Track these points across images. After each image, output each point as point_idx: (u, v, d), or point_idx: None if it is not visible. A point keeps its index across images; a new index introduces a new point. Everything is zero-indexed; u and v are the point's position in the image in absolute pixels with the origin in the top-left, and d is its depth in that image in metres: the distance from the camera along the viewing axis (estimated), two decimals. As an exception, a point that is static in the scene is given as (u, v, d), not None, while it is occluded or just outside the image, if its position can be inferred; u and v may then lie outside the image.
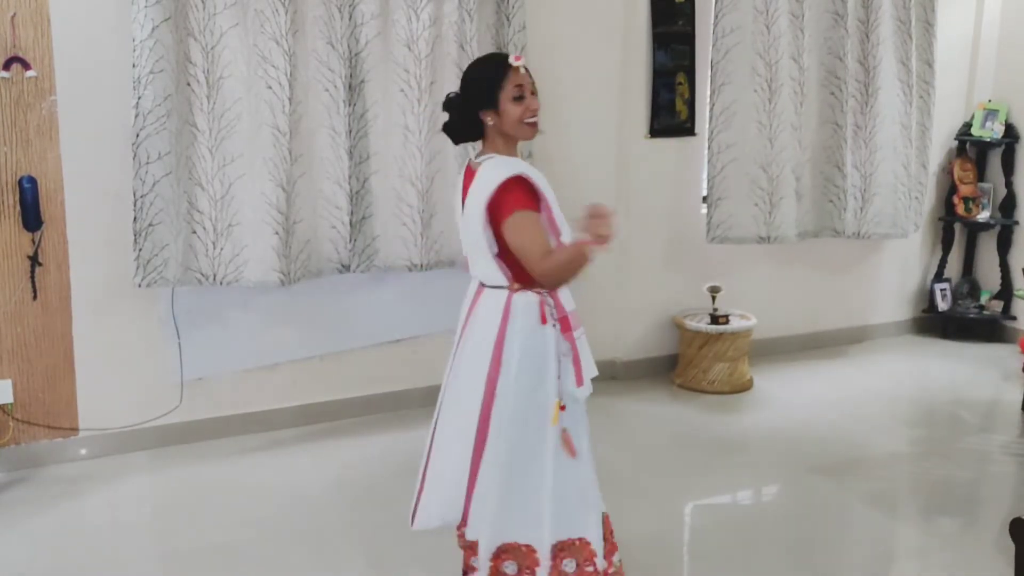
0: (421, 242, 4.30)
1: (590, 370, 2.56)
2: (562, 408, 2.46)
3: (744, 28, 4.90)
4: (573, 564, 2.52)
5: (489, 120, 2.44)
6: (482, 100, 2.43)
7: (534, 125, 2.47)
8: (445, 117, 2.55)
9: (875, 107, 5.30)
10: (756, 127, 4.98)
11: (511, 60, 2.45)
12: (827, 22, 5.20)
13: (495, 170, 2.41)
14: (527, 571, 2.49)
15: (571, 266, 2.36)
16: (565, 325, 2.50)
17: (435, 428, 2.66)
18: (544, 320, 2.47)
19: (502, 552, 2.49)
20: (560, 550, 2.51)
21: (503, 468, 2.47)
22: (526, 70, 2.45)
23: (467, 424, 2.50)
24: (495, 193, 2.38)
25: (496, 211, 2.39)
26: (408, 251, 4.30)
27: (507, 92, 2.41)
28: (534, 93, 2.46)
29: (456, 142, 2.58)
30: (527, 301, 2.47)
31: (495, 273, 2.49)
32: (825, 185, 5.36)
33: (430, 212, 4.29)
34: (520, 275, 2.47)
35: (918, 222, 5.69)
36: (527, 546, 2.49)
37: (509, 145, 2.51)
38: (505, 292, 2.50)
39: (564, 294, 2.53)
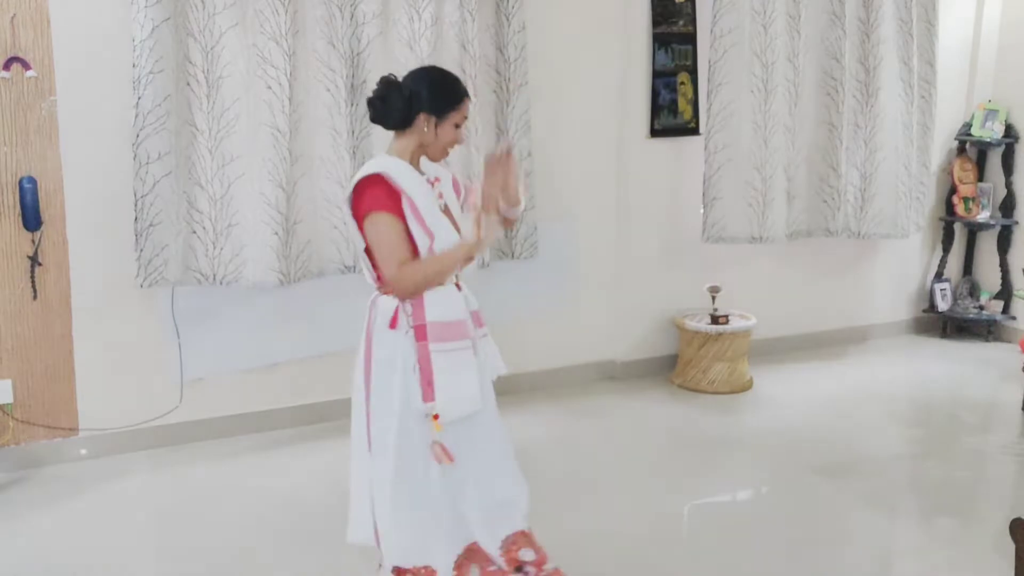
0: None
1: (460, 387, 2.40)
2: (435, 418, 2.39)
3: (742, 29, 4.90)
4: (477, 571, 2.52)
5: (424, 126, 2.46)
6: (434, 107, 2.45)
7: (448, 155, 2.55)
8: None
9: (875, 107, 5.31)
10: (752, 127, 4.99)
11: (470, 95, 2.57)
12: (824, 23, 5.20)
13: (364, 167, 2.45)
14: None
15: (436, 276, 2.39)
16: (419, 334, 2.39)
17: (352, 431, 2.60)
18: (393, 324, 2.42)
19: (403, 572, 2.47)
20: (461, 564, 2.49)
21: (389, 483, 2.43)
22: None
23: (359, 435, 2.49)
24: (355, 189, 2.42)
25: (355, 209, 2.43)
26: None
27: (455, 116, 2.48)
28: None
29: (375, 120, 2.53)
30: (386, 304, 2.46)
31: (366, 271, 2.52)
32: (820, 185, 5.36)
33: (431, 212, 4.29)
34: (380, 276, 2.47)
35: (920, 222, 5.69)
36: (425, 568, 2.47)
37: (415, 153, 2.51)
38: (375, 293, 2.52)
39: (438, 301, 2.42)
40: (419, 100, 2.45)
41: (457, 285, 2.53)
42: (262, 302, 4.20)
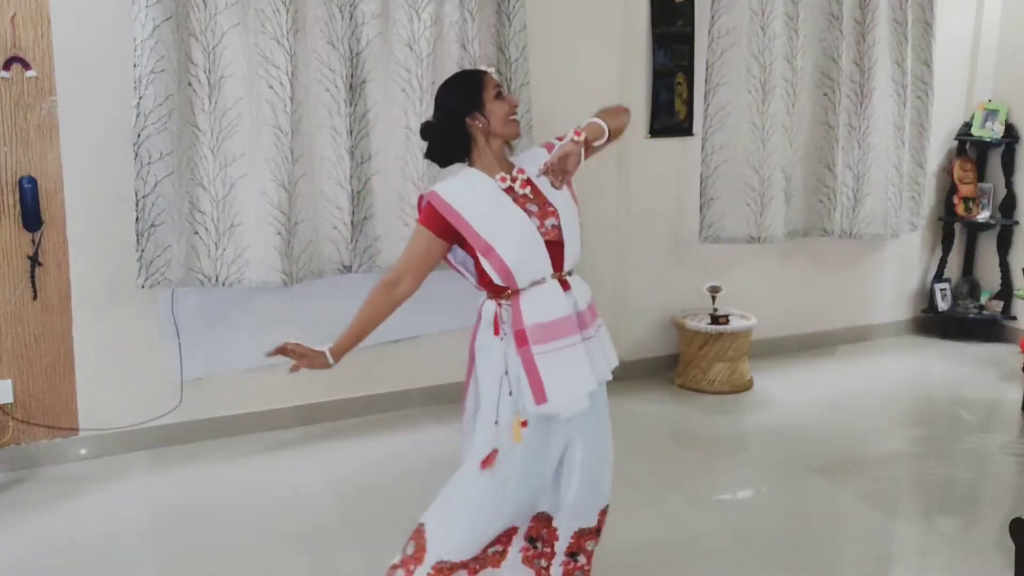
0: (423, 242, 4.30)
1: (572, 383, 2.39)
2: (523, 424, 2.38)
3: (740, 29, 4.90)
4: None
5: (478, 123, 2.42)
6: (467, 104, 2.43)
7: (517, 123, 2.48)
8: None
9: (869, 108, 5.31)
10: (749, 128, 4.99)
11: (484, 68, 2.52)
12: (823, 23, 5.20)
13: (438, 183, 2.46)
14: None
15: (357, 319, 2.61)
16: (519, 339, 2.36)
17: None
18: (496, 331, 2.42)
19: (444, 568, 2.45)
20: (444, 569, 2.46)
21: (463, 483, 2.46)
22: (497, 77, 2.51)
23: (466, 443, 2.54)
24: (419, 200, 2.49)
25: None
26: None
27: (489, 92, 2.43)
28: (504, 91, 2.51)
29: (443, 165, 2.54)
30: (488, 310, 2.45)
31: (469, 276, 2.53)
32: (816, 185, 5.36)
33: (432, 213, 4.29)
34: (481, 280, 2.45)
35: (915, 222, 5.69)
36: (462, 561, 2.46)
37: (498, 149, 2.48)
38: (482, 297, 2.50)
39: (535, 303, 2.39)
40: (453, 114, 2.44)
41: (564, 284, 2.45)
42: (262, 302, 4.20)
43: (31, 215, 3.75)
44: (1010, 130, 5.82)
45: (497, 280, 2.38)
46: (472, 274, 2.50)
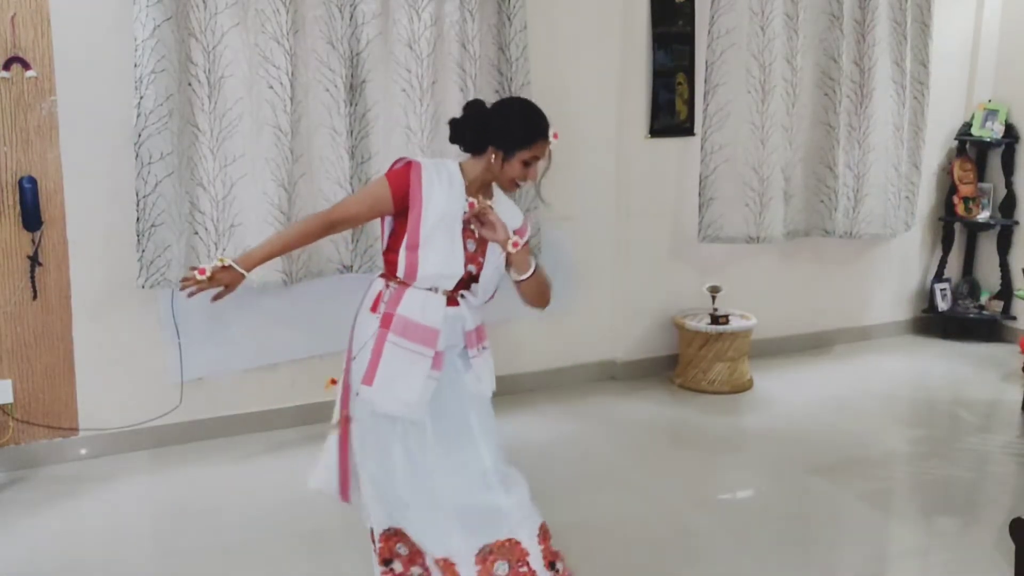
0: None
1: (398, 387, 2.38)
2: (332, 382, 2.49)
3: (739, 29, 4.90)
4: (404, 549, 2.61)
5: (492, 158, 2.46)
6: (501, 142, 2.45)
7: (519, 187, 2.54)
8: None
9: (869, 108, 5.32)
10: (749, 128, 4.99)
11: (551, 135, 2.51)
12: (823, 23, 5.20)
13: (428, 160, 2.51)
14: (420, 555, 2.57)
15: (280, 235, 2.59)
16: (385, 320, 2.42)
17: None
18: (374, 308, 2.49)
19: (391, 535, 2.60)
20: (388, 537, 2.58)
21: (359, 452, 2.55)
22: (551, 146, 2.53)
23: (339, 399, 2.61)
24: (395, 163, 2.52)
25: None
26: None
27: (526, 153, 2.46)
28: (541, 160, 2.51)
29: (453, 141, 2.57)
30: (375, 286, 2.53)
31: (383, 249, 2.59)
32: (817, 185, 5.37)
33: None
34: (388, 252, 2.51)
35: (909, 221, 5.70)
36: (397, 532, 2.58)
37: (482, 177, 2.51)
38: (375, 276, 2.60)
39: (416, 301, 2.42)
40: (490, 132, 2.46)
41: (454, 301, 2.47)
42: (261, 302, 4.20)
43: (31, 215, 3.75)
44: (1010, 130, 5.82)
45: (400, 268, 2.44)
46: (385, 241, 2.55)
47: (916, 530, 3.57)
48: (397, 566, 2.63)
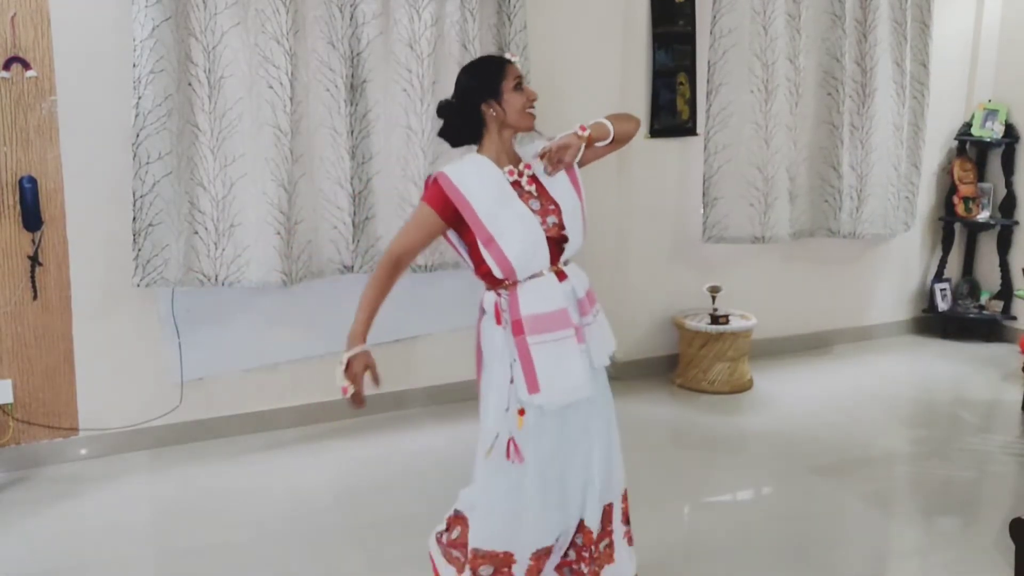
0: (425, 243, 4.29)
1: (563, 376, 2.40)
2: (520, 413, 2.40)
3: (741, 29, 4.90)
4: (490, 570, 2.48)
5: (492, 111, 2.45)
6: (484, 91, 2.45)
7: (533, 116, 2.50)
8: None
9: (871, 108, 5.32)
10: (752, 128, 4.99)
11: (507, 56, 2.52)
12: (825, 23, 5.20)
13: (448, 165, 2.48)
14: (504, 568, 2.50)
15: (363, 299, 2.40)
16: (516, 327, 2.40)
17: None
18: (498, 321, 2.45)
19: (478, 555, 2.49)
20: (478, 557, 2.47)
21: (482, 472, 2.48)
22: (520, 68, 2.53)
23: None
24: (425, 182, 2.48)
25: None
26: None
27: (508, 82, 2.45)
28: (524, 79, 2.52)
29: (455, 145, 2.58)
30: (488, 300, 2.49)
31: (467, 267, 2.54)
32: (821, 185, 5.37)
33: (433, 212, 4.28)
34: (479, 269, 2.46)
35: (908, 221, 5.70)
36: (504, 553, 2.48)
37: (508, 140, 2.51)
38: (482, 289, 2.53)
39: (533, 293, 2.41)
40: (469, 97, 2.47)
41: (560, 274, 2.47)
42: (262, 302, 4.20)
43: (31, 215, 3.75)
44: (1010, 130, 5.82)
45: (496, 271, 2.40)
46: (469, 262, 2.51)
47: (916, 530, 3.57)
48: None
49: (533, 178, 2.49)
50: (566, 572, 2.62)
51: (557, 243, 2.46)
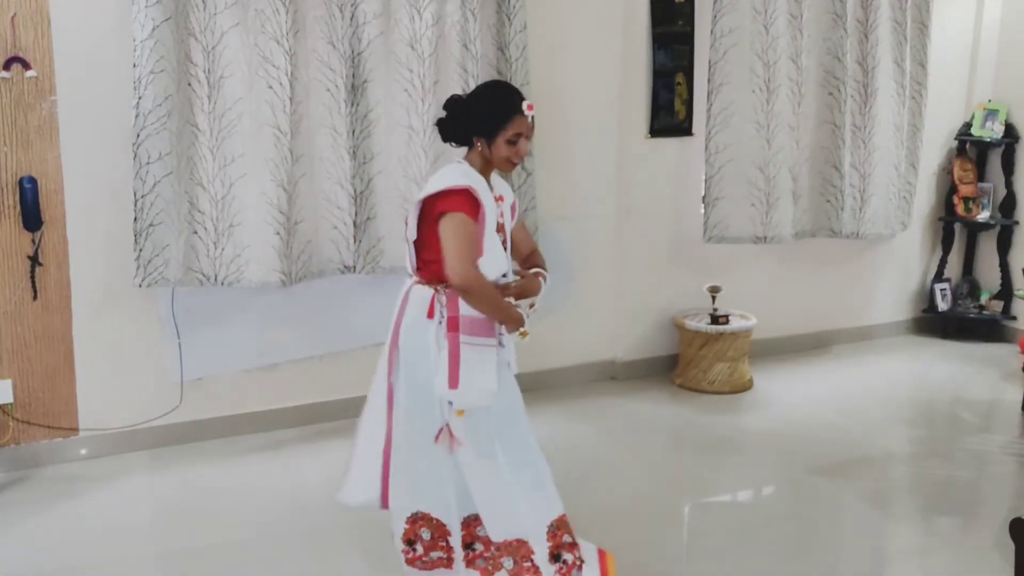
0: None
1: (480, 380, 2.53)
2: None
3: (743, 28, 4.90)
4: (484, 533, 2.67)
5: (479, 146, 2.58)
6: (482, 128, 2.57)
7: (515, 165, 2.62)
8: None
9: (873, 108, 5.32)
10: (754, 127, 4.98)
11: (524, 107, 2.56)
12: (826, 23, 5.20)
13: (451, 175, 2.56)
14: (441, 539, 2.67)
15: (484, 304, 2.54)
16: (452, 324, 2.53)
17: (365, 409, 2.79)
18: (431, 315, 2.56)
19: (417, 519, 2.67)
20: (468, 524, 2.67)
21: (405, 450, 2.63)
22: (532, 118, 2.58)
23: (380, 410, 2.67)
24: (440, 192, 2.53)
25: (433, 204, 2.54)
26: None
27: (506, 134, 2.55)
28: (529, 137, 2.58)
29: (444, 140, 2.69)
30: (421, 294, 2.59)
31: (408, 259, 2.66)
32: (823, 185, 5.37)
33: (434, 213, 4.28)
34: (424, 268, 2.59)
35: (906, 221, 5.71)
36: (437, 519, 2.67)
37: (487, 166, 2.64)
38: (408, 281, 2.65)
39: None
40: (470, 123, 2.58)
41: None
42: (262, 302, 4.20)
43: (31, 215, 3.75)
44: (1010, 130, 5.82)
45: None
46: (412, 258, 2.64)
47: (916, 530, 3.57)
48: (419, 548, 2.72)
49: (502, 212, 2.67)
50: (479, 564, 2.71)
51: None
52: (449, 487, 2.64)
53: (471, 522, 2.69)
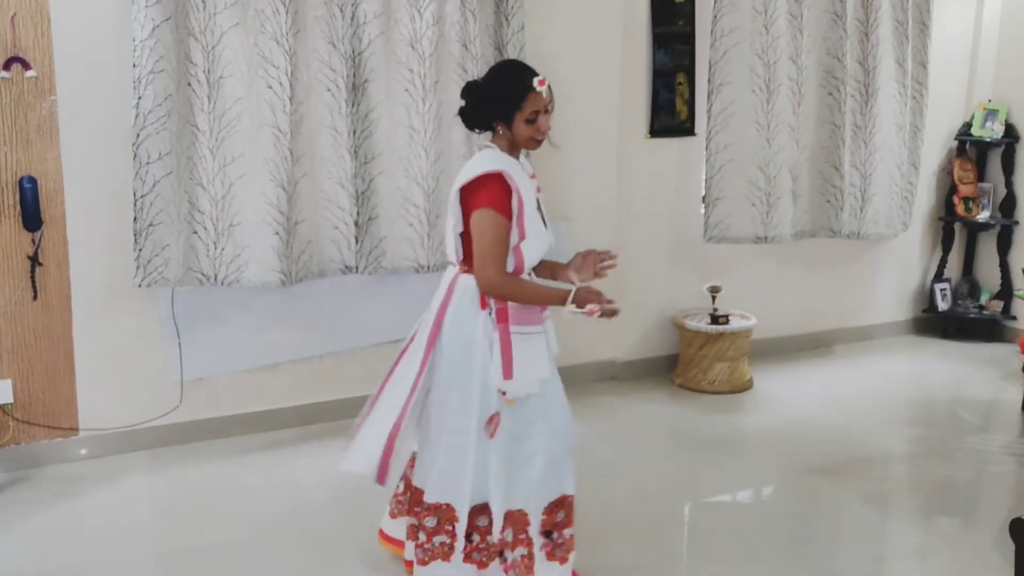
0: (428, 243, 4.29)
1: (532, 369, 2.59)
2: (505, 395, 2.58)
3: (743, 28, 4.90)
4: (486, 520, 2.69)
5: (499, 130, 2.58)
6: (499, 112, 2.55)
7: (540, 143, 2.61)
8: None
9: (874, 108, 5.32)
10: (754, 127, 4.99)
11: (535, 84, 2.53)
12: (826, 23, 5.20)
13: (481, 162, 2.55)
14: (448, 523, 2.68)
15: (524, 298, 2.56)
16: (501, 316, 2.56)
17: (383, 385, 2.79)
18: (483, 305, 2.59)
19: (427, 508, 2.69)
20: (472, 513, 2.67)
21: (431, 433, 2.67)
22: (549, 90, 2.56)
23: (403, 391, 2.67)
24: (472, 180, 2.52)
25: (468, 197, 2.54)
26: (415, 252, 4.29)
27: (524, 114, 2.53)
28: (549, 111, 2.57)
29: (469, 128, 2.68)
30: (469, 284, 2.60)
31: (452, 250, 2.65)
32: (823, 185, 5.37)
33: (436, 212, 4.28)
34: (470, 259, 2.59)
35: (907, 221, 5.71)
36: (446, 504, 2.67)
37: (514, 148, 2.63)
38: (455, 270, 2.65)
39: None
40: (486, 109, 2.58)
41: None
42: (262, 302, 4.20)
43: (31, 215, 3.75)
44: (1010, 130, 5.82)
45: (509, 265, 2.57)
46: (458, 250, 2.64)
47: (916, 530, 3.57)
48: (421, 536, 2.73)
49: (539, 188, 2.68)
50: (475, 556, 2.72)
51: None
52: (467, 474, 2.63)
53: (475, 512, 2.68)
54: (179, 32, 3.75)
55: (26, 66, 3.66)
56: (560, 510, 2.71)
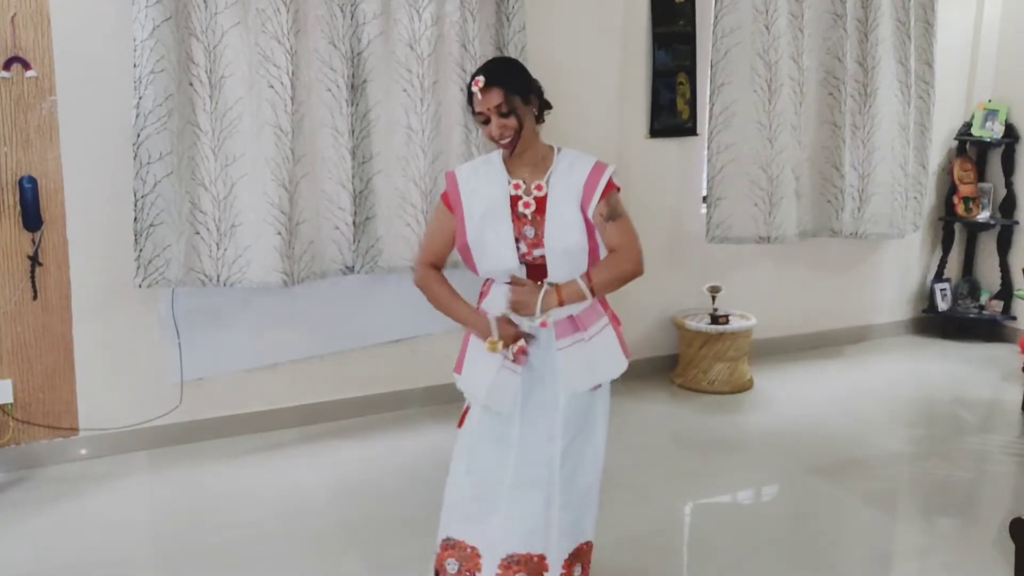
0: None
1: (477, 378, 2.48)
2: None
3: (744, 28, 4.90)
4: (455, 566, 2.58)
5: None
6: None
7: (507, 146, 2.41)
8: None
9: (873, 107, 5.31)
10: (756, 127, 4.98)
11: (472, 85, 2.37)
12: (827, 22, 5.20)
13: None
14: (468, 572, 2.57)
15: (434, 303, 2.55)
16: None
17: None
18: (480, 300, 2.60)
19: (449, 546, 2.61)
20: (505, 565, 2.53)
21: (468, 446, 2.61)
22: (486, 94, 2.34)
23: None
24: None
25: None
26: (412, 252, 4.29)
27: (478, 118, 2.43)
28: (505, 114, 2.34)
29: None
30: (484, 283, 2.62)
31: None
32: (824, 185, 5.36)
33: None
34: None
35: (917, 222, 5.70)
36: (471, 547, 2.57)
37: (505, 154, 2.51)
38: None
39: (500, 297, 2.48)
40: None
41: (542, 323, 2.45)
42: (262, 302, 4.20)
43: (31, 215, 3.75)
44: (1010, 130, 5.82)
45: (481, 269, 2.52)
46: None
47: (916, 530, 3.57)
48: None
49: (542, 200, 2.42)
50: None
51: (539, 268, 2.46)
52: (497, 512, 2.49)
53: (507, 564, 2.51)
54: (180, 32, 3.75)
55: (26, 66, 3.66)
56: (577, 562, 2.63)
